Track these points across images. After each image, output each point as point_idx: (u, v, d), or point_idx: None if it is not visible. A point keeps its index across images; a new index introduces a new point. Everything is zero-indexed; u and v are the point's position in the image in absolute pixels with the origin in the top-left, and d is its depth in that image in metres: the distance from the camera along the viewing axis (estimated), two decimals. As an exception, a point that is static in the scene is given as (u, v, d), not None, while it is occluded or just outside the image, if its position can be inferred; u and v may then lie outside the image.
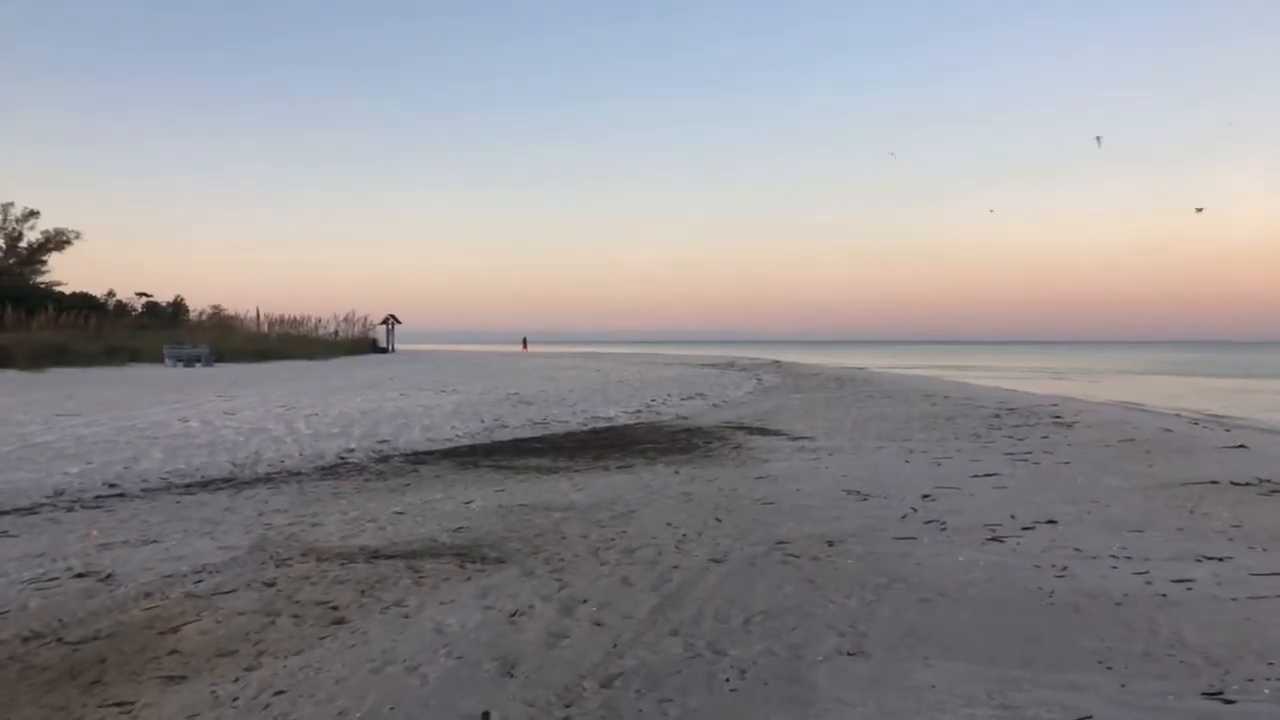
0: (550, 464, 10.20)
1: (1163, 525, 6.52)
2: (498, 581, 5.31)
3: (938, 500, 7.66)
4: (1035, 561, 5.54)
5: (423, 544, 6.27)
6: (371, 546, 6.19)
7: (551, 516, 7.15)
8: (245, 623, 4.64)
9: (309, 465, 9.54)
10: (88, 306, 44.23)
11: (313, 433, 11.00)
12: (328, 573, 5.53)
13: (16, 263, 57.27)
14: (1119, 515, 6.90)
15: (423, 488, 8.62)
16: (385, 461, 10.09)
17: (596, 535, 6.46)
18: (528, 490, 8.41)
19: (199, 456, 9.21)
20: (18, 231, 57.43)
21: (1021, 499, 7.66)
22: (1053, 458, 10.24)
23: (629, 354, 62.21)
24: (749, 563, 5.62)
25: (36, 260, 58.25)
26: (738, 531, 6.53)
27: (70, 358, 28.42)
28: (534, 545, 6.19)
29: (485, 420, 13.31)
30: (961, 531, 6.41)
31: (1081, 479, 8.63)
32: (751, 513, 7.22)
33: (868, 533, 6.41)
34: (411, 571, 5.56)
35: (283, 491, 8.36)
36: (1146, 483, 8.35)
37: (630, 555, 5.85)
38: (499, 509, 7.47)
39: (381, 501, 7.87)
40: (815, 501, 7.67)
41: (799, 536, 6.32)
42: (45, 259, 58.24)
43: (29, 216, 57.38)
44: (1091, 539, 6.10)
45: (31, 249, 58.02)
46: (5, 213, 56.53)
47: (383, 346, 51.70)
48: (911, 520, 6.84)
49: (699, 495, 8.04)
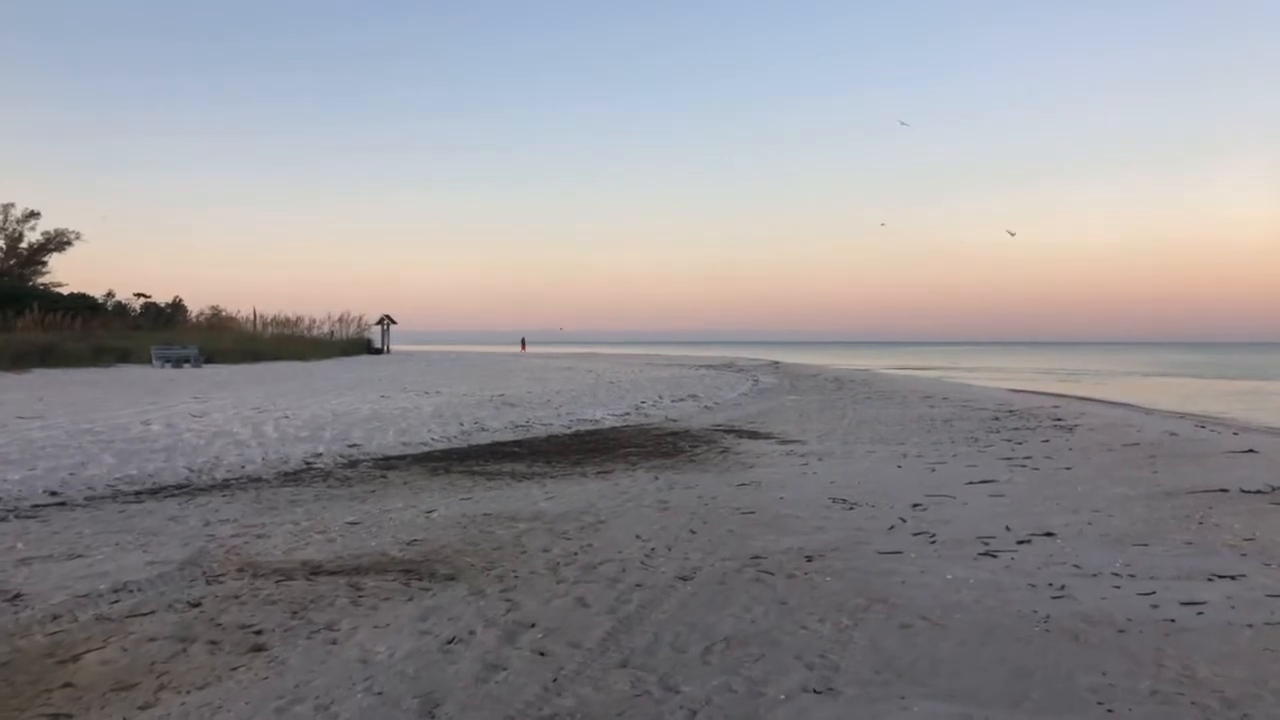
0: (526, 469, 9.75)
1: (1169, 538, 6.05)
2: (442, 602, 4.86)
3: (929, 509, 7.20)
4: (1030, 580, 5.08)
5: (371, 558, 5.82)
6: (315, 561, 5.74)
7: (515, 528, 6.70)
8: (154, 650, 4.18)
9: (271, 471, 9.09)
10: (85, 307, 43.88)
11: (280, 436, 10.54)
12: (260, 591, 5.08)
13: (17, 264, 56.95)
14: (1122, 527, 6.43)
15: (386, 495, 8.17)
16: (353, 467, 9.64)
17: (559, 549, 6.00)
18: (496, 498, 7.96)
19: (154, 462, 8.76)
20: (18, 232, 57.09)
21: (1018, 508, 7.20)
22: (1053, 463, 9.78)
23: (628, 355, 61.75)
24: (719, 581, 5.16)
25: (37, 261, 57.94)
26: (711, 545, 6.07)
27: (57, 358, 27.98)
28: (490, 560, 5.73)
29: (464, 423, 12.85)
30: (952, 545, 5.95)
31: (1082, 486, 8.16)
32: (729, 523, 6.77)
33: (850, 546, 5.95)
34: (352, 590, 5.11)
35: (237, 499, 7.91)
36: (1151, 491, 7.88)
37: (592, 572, 5.40)
38: (461, 519, 7.01)
39: (339, 510, 7.41)
40: (798, 511, 7.21)
41: (776, 550, 5.87)
42: (46, 260, 57.94)
43: (29, 217, 57.01)
44: (1092, 554, 5.64)
45: (32, 250, 57.71)
46: (6, 214, 56.18)
47: (377, 347, 51.22)
48: (899, 532, 6.38)
49: (676, 504, 7.59)
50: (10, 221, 56.55)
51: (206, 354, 32.29)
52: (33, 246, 57.71)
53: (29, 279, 54.74)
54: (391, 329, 53.82)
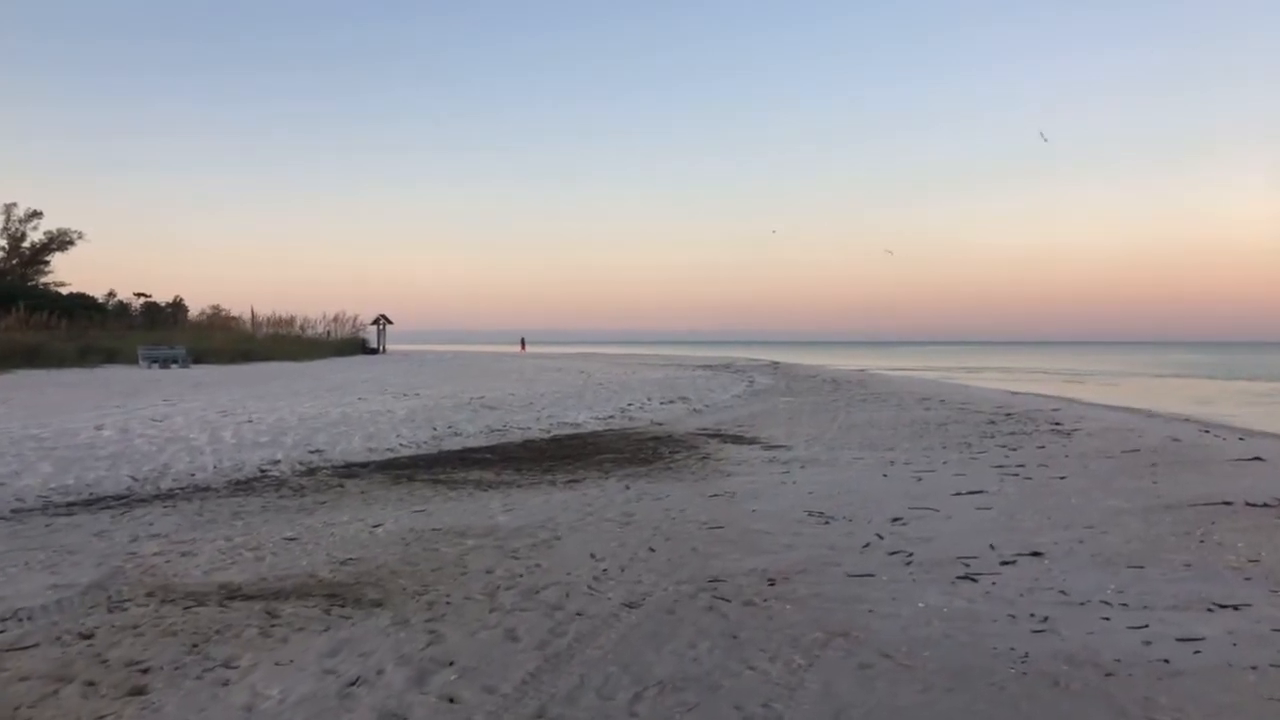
0: (493, 478, 9.28)
1: (1167, 559, 5.57)
2: (359, 633, 4.39)
3: (909, 524, 6.72)
4: (1011, 609, 4.60)
5: (297, 580, 5.35)
6: (235, 583, 5.27)
7: (463, 545, 6.23)
8: (22, 692, 3.73)
9: (221, 479, 8.63)
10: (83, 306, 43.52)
11: (237, 442, 10.09)
12: (164, 620, 4.62)
13: (20, 263, 56.62)
14: (1116, 545, 5.95)
15: (338, 507, 7.71)
16: (311, 475, 9.18)
17: (504, 570, 5.54)
18: (452, 510, 7.49)
19: (96, 470, 8.31)
20: (21, 232, 56.78)
21: (1006, 523, 6.71)
22: (1047, 471, 9.29)
23: (626, 354, 61.26)
24: (668, 609, 4.69)
25: (40, 261, 57.63)
26: (669, 565, 5.60)
27: (42, 359, 27.60)
28: (425, 583, 5.27)
29: (437, 428, 12.39)
30: (929, 566, 5.47)
31: (1076, 498, 7.68)
32: (693, 540, 6.29)
33: (819, 568, 5.48)
34: (265, 618, 4.65)
35: (178, 511, 7.46)
36: (1149, 503, 7.39)
37: (532, 598, 4.93)
38: (407, 535, 6.55)
39: (280, 524, 6.95)
40: (769, 525, 6.74)
41: (738, 572, 5.39)
42: (48, 259, 57.65)
43: (32, 217, 56.69)
44: (1082, 578, 5.16)
45: (34, 249, 57.39)
46: (8, 213, 55.88)
47: (373, 347, 50.80)
48: (874, 551, 5.90)
49: (641, 517, 7.12)
50: (13, 221, 56.27)
51: (196, 354, 31.90)
52: (35, 246, 57.43)
53: (32, 278, 54.47)
54: (388, 329, 53.43)
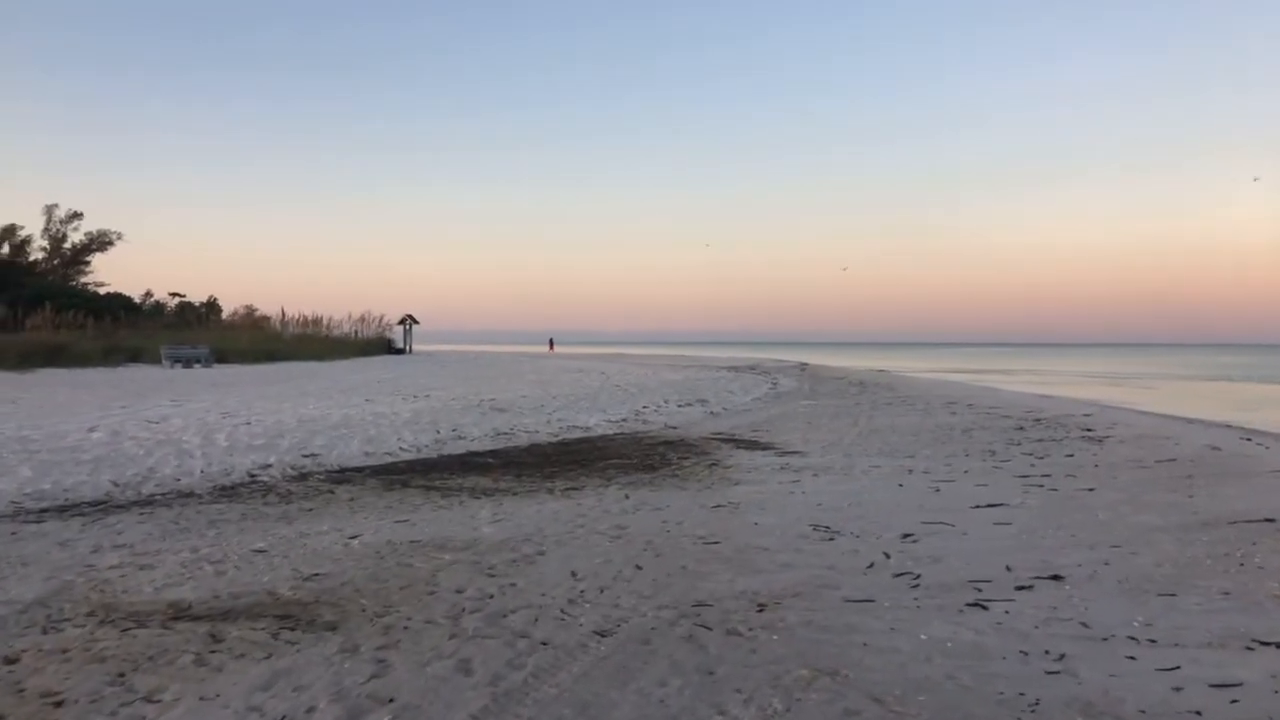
0: (490, 484, 8.91)
1: (1202, 585, 5.05)
2: (302, 662, 4.02)
3: (920, 541, 6.24)
4: (1024, 643, 4.13)
5: (253, 599, 5.00)
6: (185, 602, 4.93)
7: (439, 560, 5.85)
8: (-82, 728, 3.39)
9: (207, 485, 8.33)
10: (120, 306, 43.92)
11: (230, 445, 9.80)
12: (97, 643, 4.27)
13: (61, 263, 57.38)
14: (1146, 569, 5.43)
15: (321, 515, 7.38)
16: (302, 480, 8.86)
17: (475, 589, 5.14)
18: (437, 521, 7.12)
19: (77, 475, 8.04)
20: (62, 233, 57.54)
21: (1026, 541, 6.21)
22: (1074, 482, 8.74)
23: (654, 356, 60.80)
24: (642, 639, 4.27)
25: (80, 261, 58.39)
26: (653, 586, 5.18)
27: (67, 358, 27.71)
28: (388, 603, 4.89)
29: (441, 431, 12.04)
30: (937, 590, 5.00)
31: (1104, 513, 7.14)
32: (685, 557, 5.86)
33: (815, 591, 5.03)
34: (207, 642, 4.29)
35: (154, 519, 7.15)
36: (1185, 520, 6.85)
37: (497, 622, 4.53)
38: (384, 547, 6.18)
39: (255, 534, 6.62)
40: (769, 541, 6.29)
41: (727, 595, 4.96)
42: (89, 260, 58.40)
43: (72, 218, 57.42)
44: (1106, 607, 4.66)
45: (75, 250, 58.15)
46: (50, 214, 56.65)
47: (399, 347, 50.75)
48: (878, 572, 5.44)
49: (635, 530, 6.70)
50: (54, 222, 57.04)
51: (220, 354, 31.92)
52: (76, 247, 58.20)
53: (73, 278, 55.19)
54: (415, 329, 53.40)
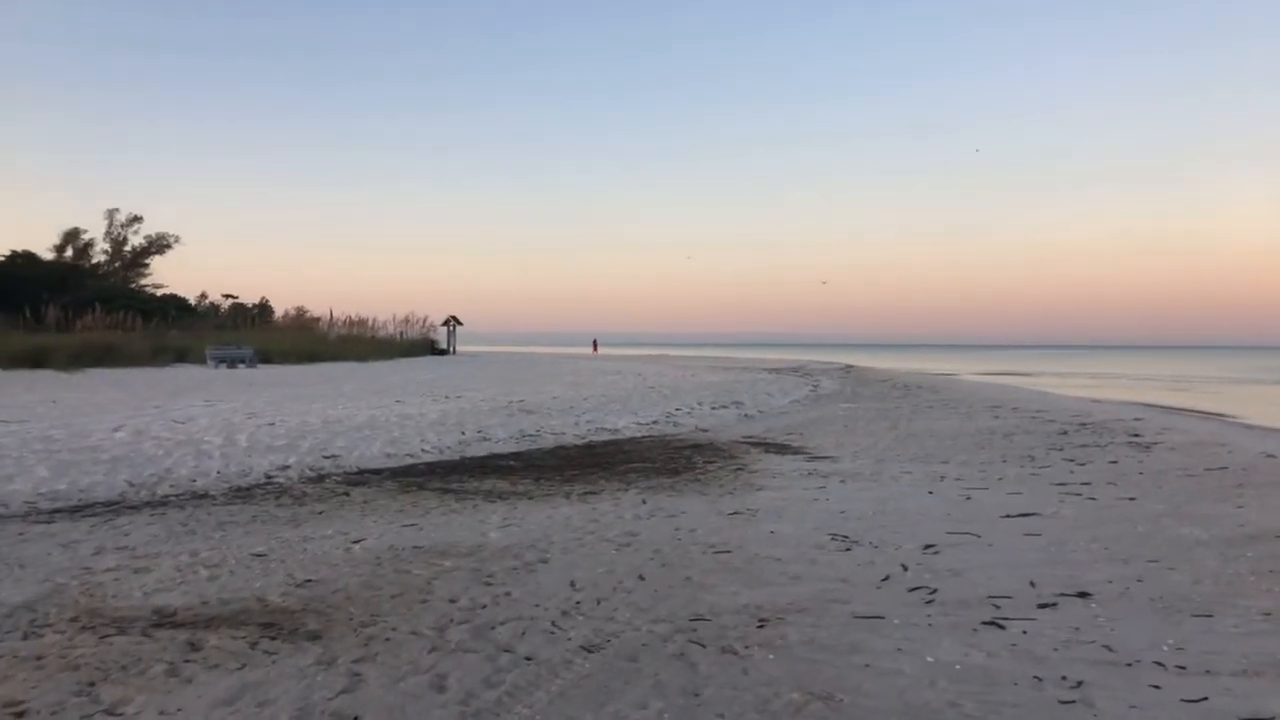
0: (507, 488, 8.75)
1: (1242, 606, 4.69)
2: (274, 674, 3.87)
3: (942, 553, 5.93)
4: (1039, 667, 3.83)
5: (241, 605, 4.87)
6: (171, 608, 4.82)
7: (439, 567, 5.69)
8: (-127, 738, 3.29)
9: (222, 486, 8.29)
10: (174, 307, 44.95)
11: (250, 446, 9.77)
12: (73, 650, 4.17)
13: (121, 266, 58.85)
14: (1182, 587, 5.07)
15: (330, 518, 7.28)
16: (319, 482, 8.78)
17: (469, 599, 4.97)
18: (445, 525, 6.97)
19: (93, 475, 8.05)
20: (123, 236, 58.99)
21: (1054, 554, 5.87)
22: (1115, 491, 8.33)
23: (697, 357, 60.52)
24: (630, 655, 4.05)
25: (140, 264, 59.83)
26: (653, 598, 4.95)
27: (115, 358, 28.26)
28: (376, 612, 4.73)
29: (466, 432, 11.93)
30: (952, 607, 4.71)
31: (1143, 525, 6.76)
32: (692, 567, 5.63)
33: (822, 606, 4.76)
34: (184, 650, 4.17)
35: (162, 520, 7.11)
36: (1230, 532, 6.44)
37: (484, 635, 4.34)
38: (385, 553, 6.04)
39: (260, 537, 6.53)
40: (783, 551, 6.02)
41: (728, 609, 4.72)
42: (148, 262, 59.83)
43: (133, 222, 58.84)
44: (1134, 628, 4.33)
45: (135, 253, 59.58)
46: (111, 218, 58.12)
47: (442, 348, 51.13)
48: (892, 586, 5.15)
49: (645, 537, 6.48)
50: (115, 226, 58.54)
51: (264, 354, 32.34)
52: (136, 250, 59.62)
53: (132, 281, 56.57)
54: (459, 330, 53.78)
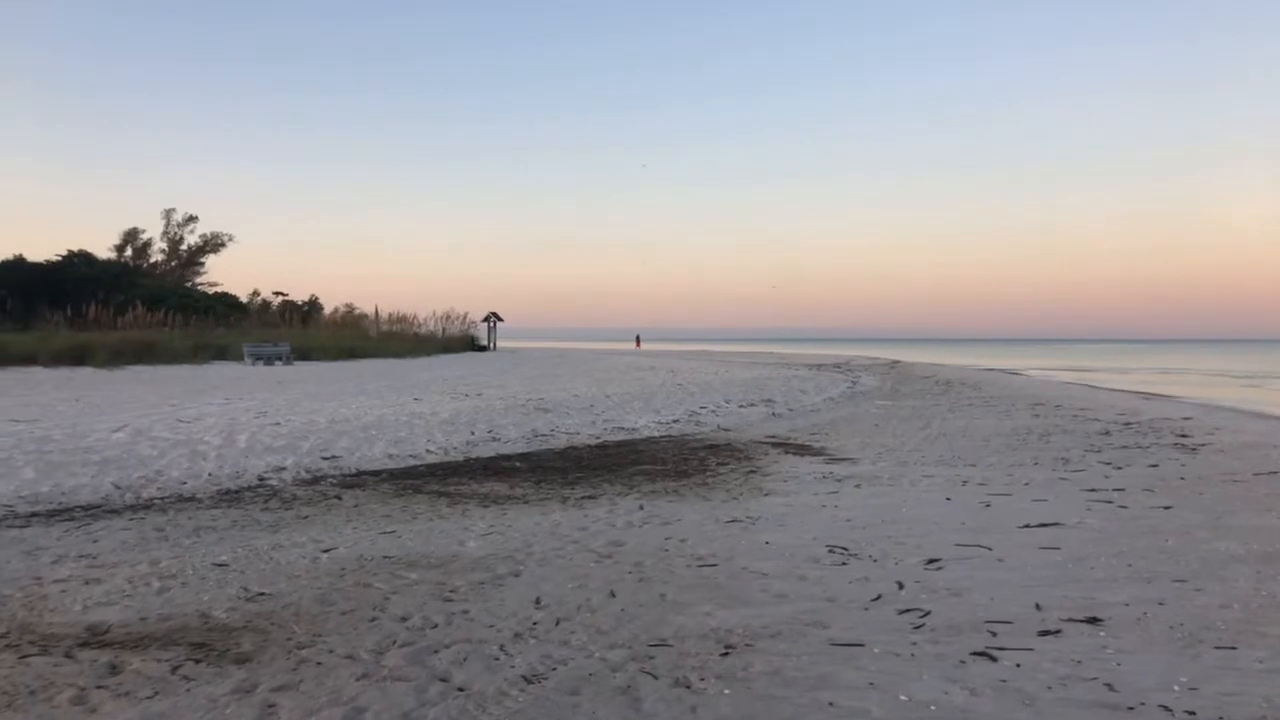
0: (504, 491, 8.43)
1: (1272, 636, 4.17)
2: (183, 704, 3.57)
3: (945, 569, 5.46)
4: (1027, 709, 3.39)
5: (181, 621, 4.60)
6: (105, 624, 4.56)
7: (403, 579, 5.37)
8: None
9: (211, 489, 8.08)
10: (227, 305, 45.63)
11: (248, 447, 9.57)
12: (-14, 672, 3.91)
13: (178, 265, 60.02)
14: (1208, 611, 4.56)
15: (312, 523, 7.02)
16: (312, 484, 8.55)
17: (421, 617, 4.64)
18: (425, 533, 6.66)
19: (80, 477, 7.89)
20: (179, 236, 60.15)
21: (1071, 571, 5.37)
22: (1149, 499, 7.75)
23: (739, 352, 59.86)
24: (572, 688, 3.68)
25: (195, 263, 60.95)
26: (618, 619, 4.57)
27: (156, 355, 28.59)
28: (320, 631, 4.42)
29: (476, 432, 11.64)
30: (943, 634, 4.25)
31: (1174, 538, 6.20)
32: (669, 582, 5.24)
33: (800, 630, 4.34)
34: (102, 673, 3.90)
35: (139, 525, 6.90)
36: (1271, 547, 5.87)
37: (422, 660, 4.00)
38: (353, 562, 5.75)
39: (229, 544, 6.27)
40: (774, 565, 5.60)
41: (696, 633, 4.32)
42: (203, 261, 60.90)
43: (189, 221, 59.90)
44: (1144, 663, 3.85)
45: (191, 252, 60.71)
46: (168, 218, 59.26)
47: (483, 344, 51.18)
48: (882, 607, 4.71)
49: (631, 548, 6.10)
50: (172, 225, 59.66)
51: (302, 351, 32.52)
52: (191, 249, 60.73)
53: (188, 279, 57.64)
54: (499, 326, 53.77)
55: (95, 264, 48.16)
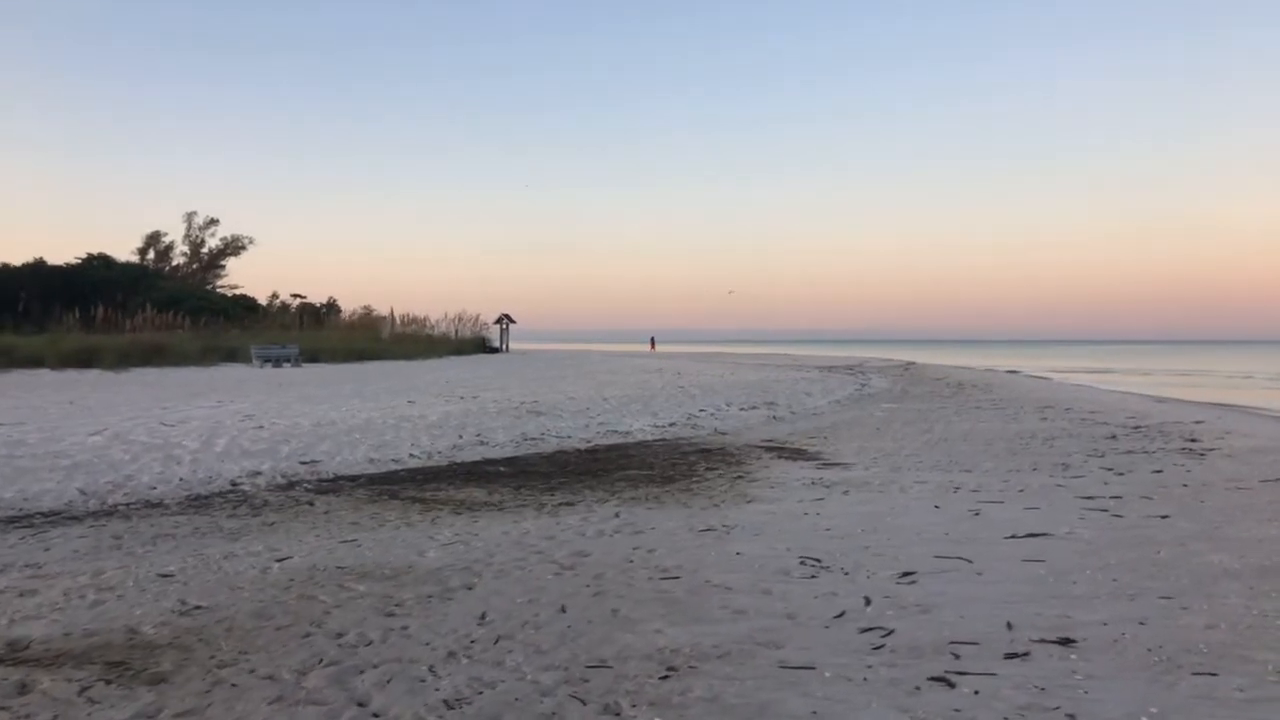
0: (482, 498, 8.22)
1: (1257, 660, 3.87)
2: (80, 730, 3.36)
3: (919, 582, 5.19)
4: (978, 745, 3.11)
5: (104, 638, 4.40)
6: (28, 639, 4.36)
7: (351, 592, 5.16)
8: None
9: (181, 494, 7.91)
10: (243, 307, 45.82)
11: (225, 451, 9.40)
12: (-113, 693, 3.72)
13: (199, 268, 60.35)
14: (1192, 632, 4.26)
15: (275, 531, 6.83)
16: (286, 490, 8.36)
17: (358, 632, 4.42)
18: (387, 541, 6.45)
19: (46, 482, 7.74)
20: (200, 239, 60.49)
21: (1051, 586, 5.08)
22: (1148, 506, 7.43)
23: (754, 354, 59.45)
24: (493, 715, 3.44)
25: (216, 265, 61.28)
26: (562, 637, 4.33)
27: (165, 357, 28.61)
28: (247, 648, 4.21)
29: (464, 436, 11.43)
30: (902, 655, 3.98)
31: (1167, 550, 5.89)
32: (626, 597, 4.99)
33: (751, 650, 4.08)
34: (10, 694, 3.72)
35: (100, 532, 6.73)
36: (1268, 560, 5.56)
37: (344, 682, 3.78)
38: (303, 573, 5.54)
39: (182, 553, 6.09)
40: (740, 578, 5.35)
41: (640, 653, 4.07)
42: (224, 264, 61.23)
43: (210, 224, 60.25)
44: (1114, 690, 3.57)
45: (212, 255, 61.03)
46: (190, 221, 59.62)
47: (494, 346, 51.08)
48: (844, 625, 4.44)
49: (595, 559, 5.87)
50: (193, 228, 60.01)
51: (312, 353, 32.49)
52: (212, 252, 61.05)
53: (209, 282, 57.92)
54: (512, 328, 53.68)
55: (114, 266, 48.44)
